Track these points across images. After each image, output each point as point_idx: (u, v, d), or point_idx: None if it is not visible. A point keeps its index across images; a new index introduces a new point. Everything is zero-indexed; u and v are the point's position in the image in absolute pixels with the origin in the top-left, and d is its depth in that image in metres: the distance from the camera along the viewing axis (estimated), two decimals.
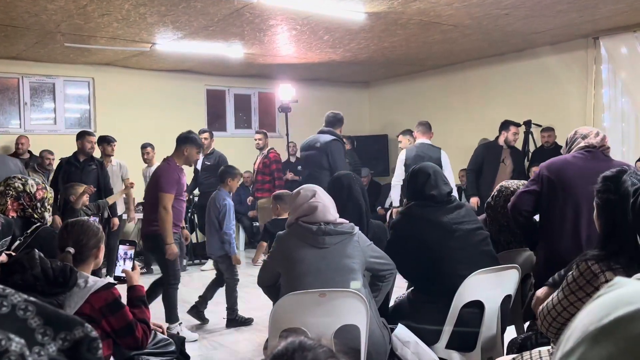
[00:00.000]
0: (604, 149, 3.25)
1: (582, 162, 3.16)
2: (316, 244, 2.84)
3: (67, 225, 2.51)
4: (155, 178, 4.80)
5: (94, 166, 6.45)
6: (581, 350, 0.51)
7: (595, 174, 3.15)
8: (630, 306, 0.50)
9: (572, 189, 3.12)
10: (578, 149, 3.27)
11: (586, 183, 3.13)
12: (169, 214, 4.62)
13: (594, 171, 3.15)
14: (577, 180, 3.12)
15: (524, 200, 3.23)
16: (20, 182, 3.10)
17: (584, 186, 3.11)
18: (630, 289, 0.53)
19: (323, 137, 5.70)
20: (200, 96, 9.74)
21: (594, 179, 3.12)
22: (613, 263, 2.02)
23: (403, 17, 6.14)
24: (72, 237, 2.43)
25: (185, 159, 4.90)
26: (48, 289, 2.15)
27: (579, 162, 3.16)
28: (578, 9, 5.96)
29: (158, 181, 4.72)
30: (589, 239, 3.07)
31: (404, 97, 10.31)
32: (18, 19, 5.95)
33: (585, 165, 3.14)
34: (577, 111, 7.57)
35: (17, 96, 8.45)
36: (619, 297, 0.52)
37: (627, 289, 0.54)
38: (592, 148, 3.21)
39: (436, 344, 2.98)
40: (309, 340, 0.93)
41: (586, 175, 3.11)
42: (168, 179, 4.70)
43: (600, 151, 3.22)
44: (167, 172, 4.75)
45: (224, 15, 5.94)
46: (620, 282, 0.56)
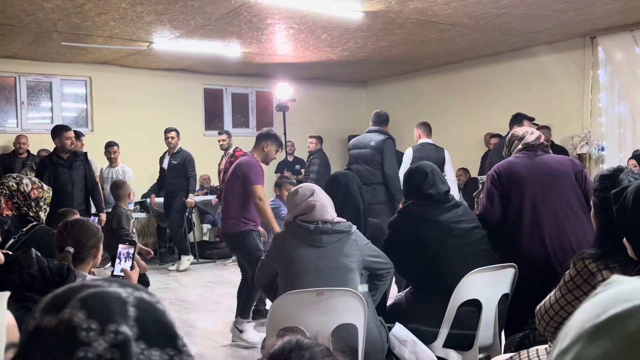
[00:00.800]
0: (542, 146, 3.38)
1: (525, 160, 3.31)
2: (314, 242, 2.84)
3: (66, 225, 2.50)
4: (240, 174, 4.64)
5: (79, 162, 6.15)
6: (578, 348, 0.51)
7: (541, 167, 3.26)
8: (627, 303, 0.50)
9: (524, 186, 3.23)
10: (517, 151, 3.41)
11: (535, 178, 3.24)
12: (265, 202, 4.57)
13: (539, 165, 3.26)
14: (526, 177, 3.25)
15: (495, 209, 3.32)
16: (15, 181, 3.10)
17: (535, 181, 3.24)
18: (627, 286, 0.53)
19: (376, 136, 5.71)
20: (198, 95, 9.73)
21: (542, 172, 3.23)
22: (610, 261, 2.03)
23: (401, 16, 6.14)
24: (72, 237, 2.42)
25: (264, 155, 4.81)
26: (45, 289, 2.14)
27: (523, 161, 3.31)
28: (575, 8, 5.97)
29: (245, 175, 4.61)
30: (550, 233, 3.15)
31: (402, 96, 10.32)
32: (15, 17, 5.93)
33: (530, 162, 3.29)
34: (574, 110, 7.58)
35: (14, 95, 8.44)
36: (615, 295, 0.52)
37: (624, 286, 0.54)
38: (530, 147, 3.36)
39: (434, 342, 2.99)
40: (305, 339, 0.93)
41: (533, 171, 3.25)
42: (255, 171, 4.62)
43: (540, 148, 3.36)
44: (253, 165, 4.67)
45: (221, 14, 5.93)
46: (617, 280, 0.56)
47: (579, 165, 3.36)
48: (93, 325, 0.65)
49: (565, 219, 3.16)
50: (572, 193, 3.22)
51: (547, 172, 3.25)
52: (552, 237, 3.14)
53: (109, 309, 0.67)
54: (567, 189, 3.22)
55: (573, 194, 3.22)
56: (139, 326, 0.67)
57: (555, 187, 3.22)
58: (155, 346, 0.68)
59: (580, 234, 3.11)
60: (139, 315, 0.68)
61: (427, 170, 3.24)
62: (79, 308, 0.66)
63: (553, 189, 3.21)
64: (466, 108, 9.07)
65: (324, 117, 10.66)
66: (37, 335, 0.66)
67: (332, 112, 10.78)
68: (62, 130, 6.02)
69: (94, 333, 0.64)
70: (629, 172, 2.19)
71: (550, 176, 3.24)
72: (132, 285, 0.73)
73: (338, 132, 10.66)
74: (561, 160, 3.37)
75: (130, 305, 0.68)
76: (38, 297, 2.12)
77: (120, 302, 0.68)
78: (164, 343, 0.69)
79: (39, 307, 0.69)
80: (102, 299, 0.68)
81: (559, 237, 3.14)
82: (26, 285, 2.11)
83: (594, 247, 2.13)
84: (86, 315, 0.65)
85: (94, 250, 2.47)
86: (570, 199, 3.21)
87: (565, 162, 3.36)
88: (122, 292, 0.70)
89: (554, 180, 3.23)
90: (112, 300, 0.68)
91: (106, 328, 0.65)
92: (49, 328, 0.66)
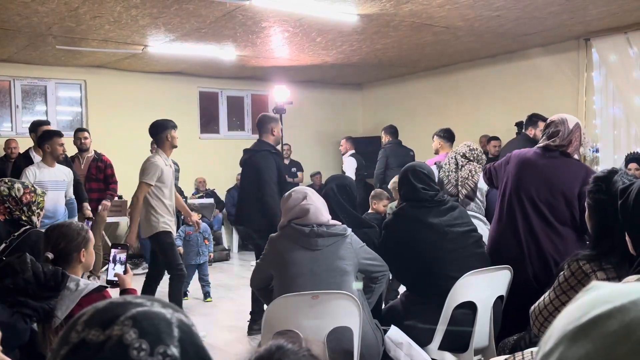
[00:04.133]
0: (561, 147, 3.25)
1: (539, 159, 3.23)
2: (308, 245, 2.84)
3: (47, 230, 2.50)
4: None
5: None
6: (560, 350, 0.52)
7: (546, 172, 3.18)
8: (607, 305, 0.51)
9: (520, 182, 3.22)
10: (541, 141, 3.34)
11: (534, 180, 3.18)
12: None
13: (548, 169, 3.19)
14: (526, 176, 3.21)
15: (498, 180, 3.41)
16: (6, 186, 3.09)
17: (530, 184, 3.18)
18: (607, 290, 0.55)
19: None
20: (193, 98, 9.72)
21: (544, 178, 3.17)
22: (604, 263, 2.04)
23: (395, 19, 6.15)
24: (50, 242, 2.40)
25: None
26: (39, 293, 2.14)
27: (536, 159, 3.24)
28: (569, 10, 5.99)
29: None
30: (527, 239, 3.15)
31: (397, 98, 10.34)
32: (9, 21, 5.92)
33: (541, 162, 3.21)
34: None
35: (8, 99, 8.41)
36: (596, 298, 0.54)
37: (604, 290, 0.55)
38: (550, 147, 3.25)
39: (429, 345, 2.99)
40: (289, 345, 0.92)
41: (536, 173, 3.19)
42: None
43: (561, 152, 3.24)
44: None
45: (216, 18, 5.94)
46: (597, 285, 0.57)
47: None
48: (144, 346, 0.66)
49: (543, 232, 3.08)
50: (565, 207, 3.09)
51: (549, 181, 3.13)
52: (529, 242, 3.13)
53: (158, 329, 0.68)
54: (561, 202, 3.08)
55: (567, 208, 3.09)
56: (181, 347, 0.69)
57: (547, 198, 3.11)
58: None
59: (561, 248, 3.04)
60: (182, 336, 0.70)
61: (420, 172, 3.25)
62: (130, 326, 0.67)
63: (544, 200, 3.11)
64: (461, 110, 9.09)
65: (319, 119, 10.67)
66: (84, 349, 0.67)
67: (328, 115, 10.79)
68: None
69: (144, 353, 0.65)
70: (623, 173, 2.20)
71: (549, 186, 3.12)
72: (172, 306, 0.74)
73: (333, 134, 10.66)
74: (574, 170, 3.16)
75: (175, 326, 0.70)
76: (32, 302, 2.11)
77: (167, 323, 0.70)
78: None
79: (80, 319, 0.70)
80: (151, 319, 0.69)
81: (535, 244, 3.11)
82: (20, 290, 2.11)
83: (588, 249, 2.14)
84: (137, 335, 0.67)
85: (76, 255, 2.41)
86: (560, 214, 3.08)
87: (577, 173, 3.15)
88: (166, 313, 0.71)
89: (550, 191, 3.11)
90: (160, 320, 0.69)
91: (155, 349, 0.66)
92: (96, 343, 0.66)
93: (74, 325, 0.69)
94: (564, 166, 3.18)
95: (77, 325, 0.69)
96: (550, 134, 3.28)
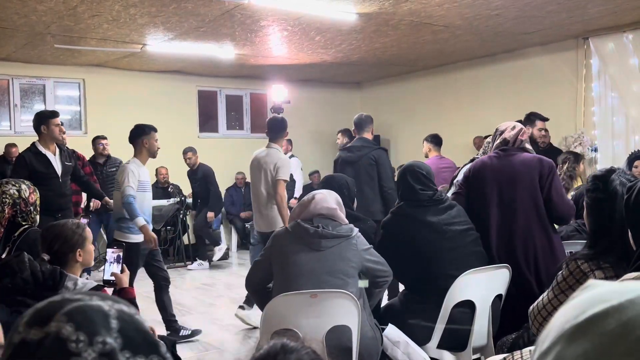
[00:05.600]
0: (519, 144, 3.42)
1: (495, 160, 3.38)
2: (312, 245, 2.84)
3: (43, 231, 2.50)
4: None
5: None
6: (558, 349, 0.52)
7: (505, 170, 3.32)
8: (605, 304, 0.51)
9: (485, 188, 3.33)
10: (495, 147, 3.49)
11: (496, 180, 3.33)
12: None
13: (505, 167, 3.33)
14: (488, 179, 3.34)
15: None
16: (15, 188, 3.06)
17: (495, 183, 3.33)
18: (604, 289, 0.55)
19: None
20: (192, 97, 9.72)
21: (504, 175, 3.30)
22: (602, 262, 2.04)
23: (394, 18, 6.15)
24: (45, 243, 2.40)
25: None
26: (38, 292, 2.14)
27: (492, 162, 3.38)
28: (568, 9, 5.99)
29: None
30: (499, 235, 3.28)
31: (396, 97, 10.34)
32: (7, 20, 5.91)
33: (498, 163, 3.36)
34: (567, 111, 7.61)
35: (7, 98, 8.40)
36: (593, 297, 0.54)
37: (600, 289, 0.55)
38: (505, 145, 3.41)
39: (428, 343, 2.99)
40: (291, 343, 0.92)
41: (497, 173, 3.34)
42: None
43: (517, 147, 3.41)
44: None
45: (214, 16, 5.93)
46: (593, 284, 0.57)
47: (546, 167, 3.29)
48: (82, 337, 0.67)
49: (514, 224, 3.25)
50: (529, 197, 3.26)
51: (509, 175, 3.31)
52: (500, 238, 3.27)
53: (94, 321, 0.70)
54: (524, 193, 3.26)
55: (530, 198, 3.25)
56: (123, 336, 0.70)
57: (512, 190, 3.28)
58: (140, 354, 0.71)
59: (529, 240, 3.22)
60: (122, 326, 0.71)
61: (418, 172, 3.25)
62: (65, 322, 0.68)
63: (509, 193, 3.29)
64: (460, 109, 9.09)
65: (317, 118, 10.66)
66: (24, 348, 0.68)
67: (326, 114, 10.78)
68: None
69: (83, 344, 0.67)
70: (621, 172, 2.20)
71: (510, 179, 3.30)
72: (112, 298, 0.76)
73: (332, 133, 10.64)
74: (529, 162, 3.32)
75: (112, 317, 0.71)
76: (31, 301, 2.11)
77: (103, 315, 0.71)
78: (147, 350, 0.72)
79: (22, 321, 0.71)
80: (85, 312, 0.70)
81: (507, 240, 3.26)
82: (19, 290, 2.11)
83: (586, 248, 2.14)
84: (74, 328, 0.68)
85: (71, 255, 2.41)
86: (526, 203, 3.25)
87: (532, 164, 3.30)
88: (103, 305, 0.72)
89: (513, 184, 3.29)
90: (95, 313, 0.71)
91: (94, 339, 0.68)
92: (35, 341, 0.68)
93: (17, 327, 0.71)
94: (519, 160, 3.36)
95: (19, 326, 0.70)
96: (500, 133, 3.49)
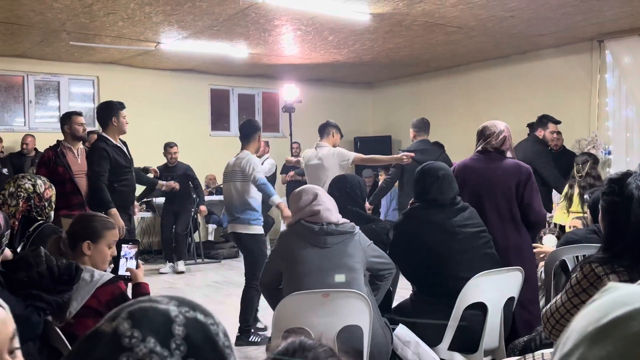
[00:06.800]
0: (499, 150, 3.54)
1: (478, 163, 3.52)
2: (318, 243, 2.85)
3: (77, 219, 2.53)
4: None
5: None
6: (580, 351, 0.52)
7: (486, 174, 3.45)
8: (627, 306, 0.51)
9: (467, 190, 3.42)
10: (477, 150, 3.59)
11: (477, 184, 3.46)
12: None
13: (486, 172, 3.47)
14: (470, 182, 3.46)
15: None
16: (30, 183, 3.09)
17: (475, 187, 3.46)
18: (626, 291, 0.55)
19: None
20: (204, 96, 9.76)
21: (484, 179, 3.43)
22: (617, 265, 2.02)
23: (407, 19, 6.14)
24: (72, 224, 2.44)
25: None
26: (53, 287, 2.16)
27: (476, 164, 3.52)
28: (583, 11, 5.96)
29: None
30: None
31: (408, 98, 10.32)
32: (24, 17, 5.97)
33: (480, 167, 3.50)
34: (581, 113, 7.56)
35: (21, 94, 8.48)
36: (615, 299, 0.54)
37: (622, 291, 0.55)
38: (486, 150, 3.53)
39: (439, 345, 2.99)
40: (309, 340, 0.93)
41: (478, 177, 3.48)
42: None
43: (498, 152, 3.53)
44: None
45: (229, 15, 5.95)
46: (614, 287, 0.57)
47: (524, 173, 3.48)
48: (136, 334, 0.70)
49: (491, 227, 3.34)
50: (505, 203, 3.43)
51: (488, 180, 3.45)
52: None
53: (153, 322, 0.72)
54: (500, 199, 3.42)
55: (506, 203, 3.42)
56: (189, 344, 0.72)
57: (489, 195, 3.43)
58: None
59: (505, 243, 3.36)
60: (189, 333, 0.73)
61: (438, 174, 3.23)
62: (125, 318, 0.72)
63: (487, 197, 3.43)
64: (472, 111, 9.05)
65: (329, 118, 10.60)
66: (95, 337, 0.73)
67: (338, 114, 10.73)
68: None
69: (136, 340, 0.70)
70: (638, 176, 2.18)
71: (489, 185, 3.44)
72: (191, 305, 0.77)
73: (343, 133, 10.65)
74: (508, 168, 3.49)
75: (178, 324, 0.73)
76: (46, 295, 2.13)
77: (167, 319, 0.73)
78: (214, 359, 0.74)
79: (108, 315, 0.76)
80: (147, 312, 0.73)
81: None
82: (34, 284, 2.12)
83: (601, 251, 2.13)
84: (130, 325, 0.71)
85: (80, 243, 2.45)
86: (501, 208, 3.42)
87: (511, 170, 3.48)
88: (172, 311, 0.74)
89: (490, 189, 3.43)
90: (158, 315, 0.73)
91: (148, 338, 0.71)
92: (103, 333, 0.72)
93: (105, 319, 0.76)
94: (500, 166, 3.50)
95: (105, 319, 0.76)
96: (485, 137, 3.56)
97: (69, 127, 4.81)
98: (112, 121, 4.80)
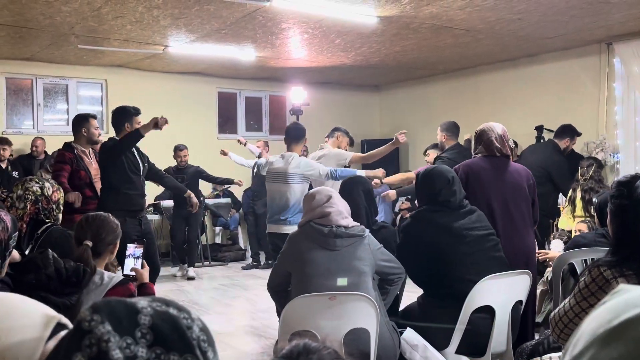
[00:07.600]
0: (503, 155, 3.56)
1: (490, 164, 3.53)
2: (327, 245, 2.85)
3: (87, 218, 2.53)
4: None
5: None
6: (591, 353, 0.52)
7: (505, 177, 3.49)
8: (639, 308, 0.51)
9: (490, 192, 3.46)
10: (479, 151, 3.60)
11: (500, 187, 3.47)
12: None
13: (504, 174, 3.51)
14: (492, 184, 3.47)
15: None
16: (38, 186, 3.10)
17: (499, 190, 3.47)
18: (636, 293, 0.55)
19: None
20: (212, 99, 9.78)
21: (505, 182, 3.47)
22: (625, 269, 2.01)
23: (415, 21, 6.14)
24: (91, 230, 2.45)
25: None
26: (61, 289, 2.16)
27: (488, 165, 3.53)
28: (591, 14, 5.93)
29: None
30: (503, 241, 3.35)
31: (415, 101, 10.30)
32: (33, 20, 6.01)
33: (495, 169, 3.52)
34: (589, 116, 7.52)
35: (30, 97, 8.53)
36: (625, 301, 0.54)
37: (632, 293, 0.55)
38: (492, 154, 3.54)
39: (446, 348, 2.98)
40: (314, 343, 0.93)
41: (498, 180, 3.49)
42: None
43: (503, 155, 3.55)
44: None
45: (236, 19, 5.97)
46: (624, 289, 0.57)
47: (530, 176, 3.61)
48: (95, 317, 0.71)
49: (514, 230, 3.42)
50: (525, 205, 3.50)
51: (510, 183, 3.49)
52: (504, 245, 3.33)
53: (114, 311, 0.73)
54: (522, 202, 3.50)
55: (525, 206, 3.50)
56: (155, 332, 0.72)
57: (514, 198, 3.48)
58: (174, 351, 0.73)
59: (524, 245, 3.44)
60: (155, 322, 0.73)
61: (448, 176, 3.23)
62: (88, 309, 0.73)
63: (512, 200, 3.47)
64: (480, 114, 9.02)
65: (336, 121, 10.54)
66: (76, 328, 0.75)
67: (345, 117, 10.77)
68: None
69: (95, 322, 0.71)
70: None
71: (512, 187, 3.49)
72: (164, 301, 0.77)
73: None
74: (519, 170, 3.60)
75: (145, 314, 0.73)
76: (54, 297, 2.14)
77: (131, 309, 0.74)
78: (183, 349, 0.73)
79: None
80: (109, 302, 0.75)
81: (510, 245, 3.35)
82: (42, 286, 2.13)
83: (609, 254, 2.11)
84: (90, 312, 0.73)
85: (111, 247, 2.50)
86: (523, 210, 3.48)
87: (522, 172, 3.59)
88: (139, 303, 0.75)
89: (514, 192, 3.48)
90: (121, 306, 0.74)
91: (106, 322, 0.72)
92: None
93: None
94: (511, 170, 3.56)
95: None
96: (485, 140, 3.56)
97: (86, 130, 4.81)
98: (125, 127, 4.81)
